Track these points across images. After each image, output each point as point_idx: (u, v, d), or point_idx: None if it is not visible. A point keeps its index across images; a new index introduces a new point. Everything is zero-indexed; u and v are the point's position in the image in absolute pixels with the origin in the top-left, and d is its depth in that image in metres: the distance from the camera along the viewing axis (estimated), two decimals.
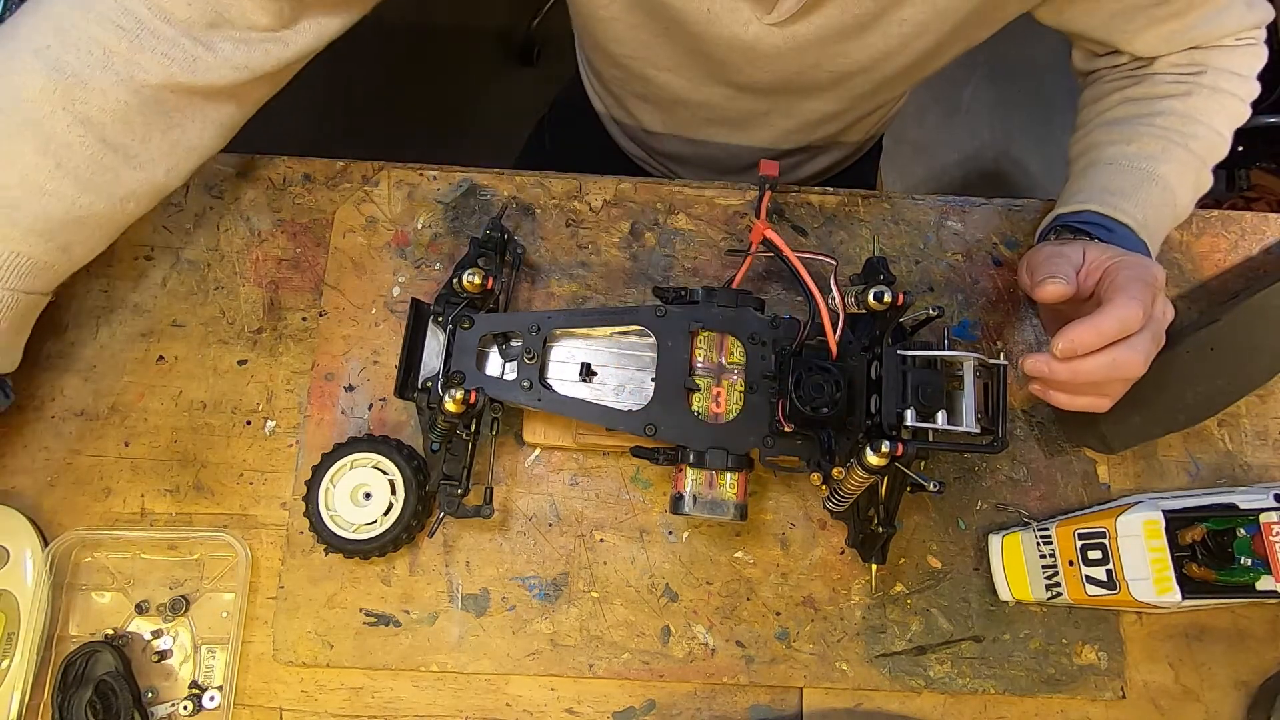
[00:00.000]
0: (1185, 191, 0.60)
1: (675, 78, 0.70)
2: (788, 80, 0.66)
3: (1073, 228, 0.59)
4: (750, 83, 0.67)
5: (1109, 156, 0.61)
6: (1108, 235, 0.57)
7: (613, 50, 0.69)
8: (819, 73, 0.64)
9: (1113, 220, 0.58)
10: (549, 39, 1.75)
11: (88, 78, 0.50)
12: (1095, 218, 0.58)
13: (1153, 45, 0.63)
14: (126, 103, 0.51)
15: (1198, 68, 0.62)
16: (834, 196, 0.69)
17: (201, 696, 0.57)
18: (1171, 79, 0.62)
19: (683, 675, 0.59)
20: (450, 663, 0.58)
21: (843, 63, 0.63)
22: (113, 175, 0.52)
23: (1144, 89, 0.63)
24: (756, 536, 0.61)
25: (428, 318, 0.58)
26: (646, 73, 0.70)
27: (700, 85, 0.70)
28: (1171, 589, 0.51)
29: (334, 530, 0.56)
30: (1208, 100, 0.61)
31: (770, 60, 0.62)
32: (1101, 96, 0.66)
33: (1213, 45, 0.62)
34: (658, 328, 0.56)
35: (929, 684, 0.59)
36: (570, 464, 0.62)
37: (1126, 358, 0.48)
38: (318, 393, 0.62)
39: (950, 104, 1.82)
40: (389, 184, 0.67)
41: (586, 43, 0.77)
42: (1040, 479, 0.63)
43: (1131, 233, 0.57)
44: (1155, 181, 0.59)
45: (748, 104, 0.72)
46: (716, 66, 0.65)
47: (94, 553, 0.59)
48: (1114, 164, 0.60)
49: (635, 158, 0.91)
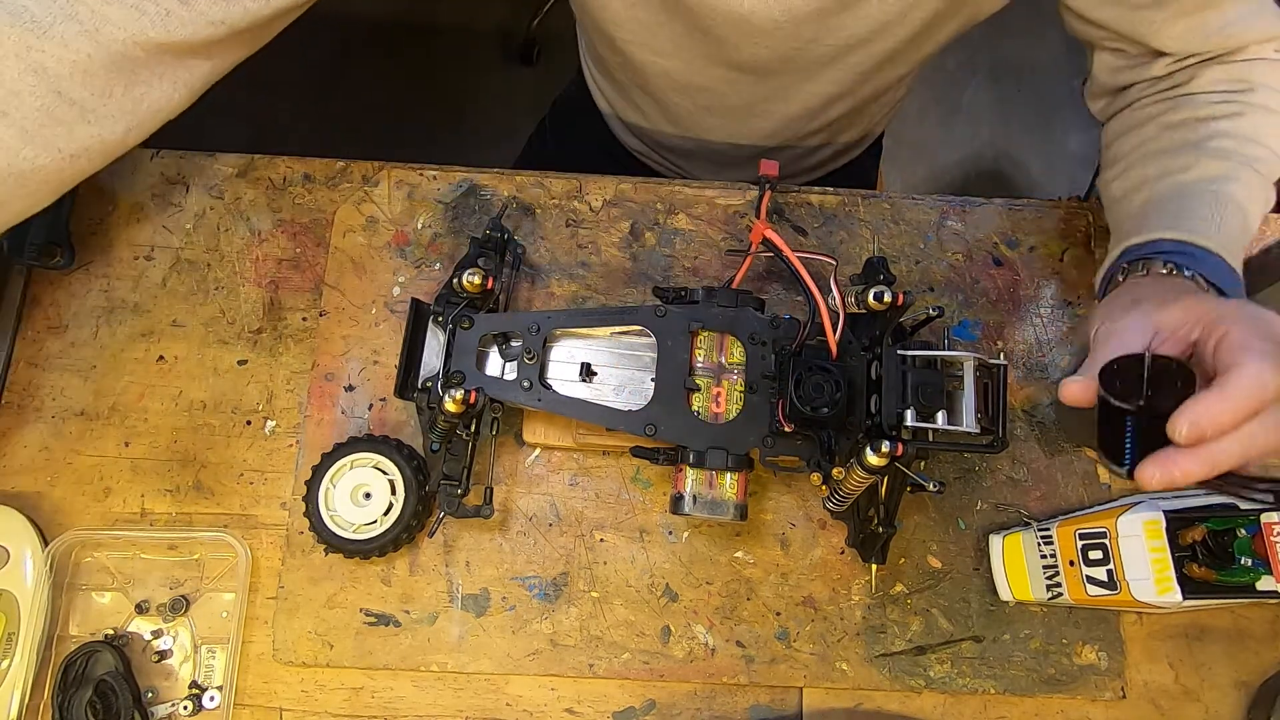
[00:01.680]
0: (1257, 214, 0.53)
1: (674, 61, 0.69)
2: (787, 57, 0.65)
3: (1144, 260, 0.51)
4: (749, 61, 0.66)
5: (1169, 187, 0.54)
6: (1191, 264, 0.49)
7: (613, 34, 0.69)
8: (818, 48, 0.63)
9: (1193, 245, 0.49)
10: (549, 39, 1.75)
11: (48, 25, 0.46)
12: (1174, 245, 0.50)
13: (1183, 40, 0.57)
14: (90, 55, 0.47)
15: (1245, 85, 0.56)
16: (834, 196, 0.69)
17: (201, 696, 0.57)
18: (1218, 98, 0.56)
19: (683, 675, 0.59)
20: (450, 663, 0.58)
21: (841, 35, 0.62)
22: (65, 129, 0.49)
23: (1186, 113, 0.57)
24: (756, 536, 0.61)
25: (428, 318, 0.58)
26: (646, 58, 0.70)
27: (700, 68, 0.69)
28: (1172, 589, 0.51)
29: (334, 530, 0.56)
30: (1263, 120, 0.55)
31: (767, 34, 0.62)
32: (1135, 127, 0.59)
33: (1254, 58, 0.57)
34: (658, 328, 0.56)
35: (929, 684, 0.59)
36: (570, 464, 0.62)
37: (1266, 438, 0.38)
38: (318, 393, 0.62)
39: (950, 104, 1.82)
40: (389, 184, 0.67)
41: (588, 29, 0.77)
42: (1040, 479, 0.63)
43: (1218, 258, 0.49)
44: (1229, 202, 0.51)
45: (748, 88, 0.71)
46: (715, 45, 0.65)
47: (94, 553, 0.59)
48: (1179, 191, 0.53)
49: (638, 153, 0.91)
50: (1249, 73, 0.56)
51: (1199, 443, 0.38)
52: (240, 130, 1.62)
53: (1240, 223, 0.51)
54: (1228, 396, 0.38)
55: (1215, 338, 0.41)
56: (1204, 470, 0.38)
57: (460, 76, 1.75)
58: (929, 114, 1.81)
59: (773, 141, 0.80)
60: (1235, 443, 0.38)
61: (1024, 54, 1.83)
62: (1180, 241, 0.50)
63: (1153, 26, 0.57)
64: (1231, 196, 0.51)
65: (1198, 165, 0.53)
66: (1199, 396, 0.38)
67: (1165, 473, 0.39)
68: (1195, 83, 0.58)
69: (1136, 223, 0.53)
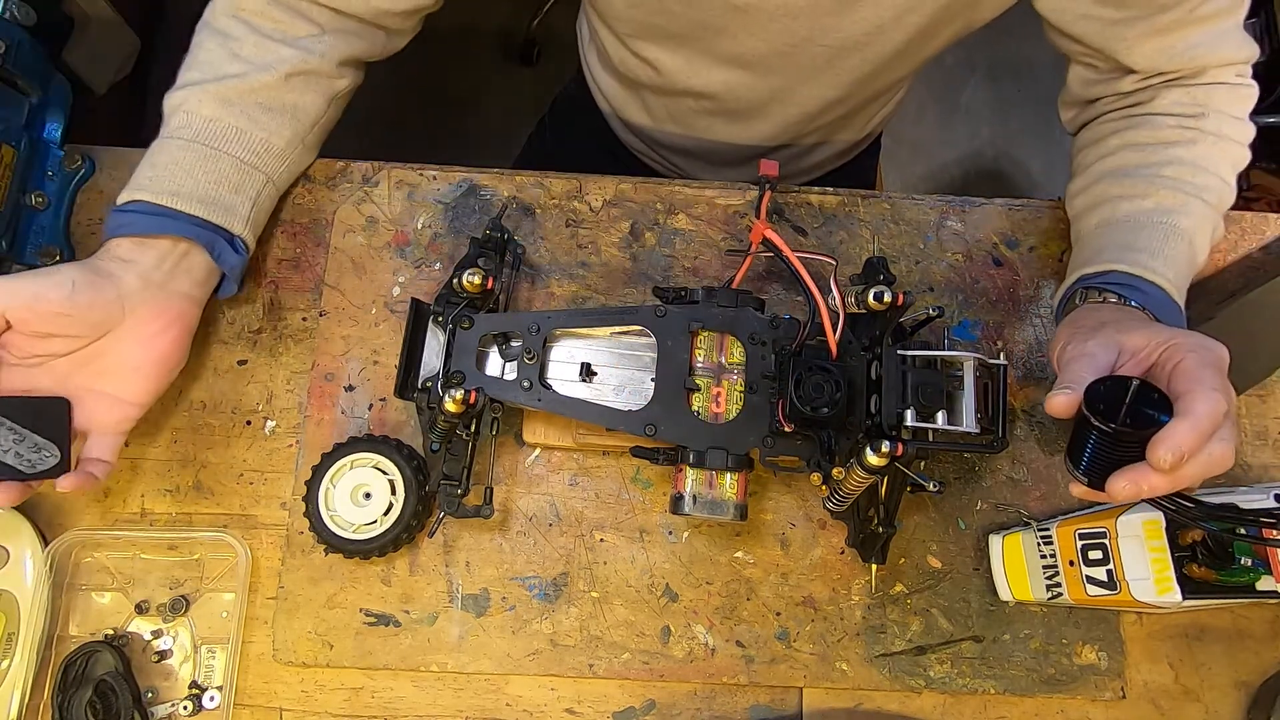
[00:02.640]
0: (1204, 244, 0.59)
1: (675, 58, 0.70)
2: (783, 54, 0.66)
3: (1098, 289, 0.57)
4: (749, 55, 0.67)
5: (1125, 213, 0.59)
6: (1138, 297, 0.55)
7: (616, 27, 0.70)
8: (813, 48, 0.64)
9: (1143, 280, 0.55)
10: (549, 39, 1.75)
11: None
12: (1123, 278, 0.56)
13: (1150, 59, 0.61)
14: None
15: (1199, 109, 0.61)
16: (834, 196, 0.69)
17: (201, 696, 0.57)
18: (1174, 123, 0.61)
19: (683, 675, 0.59)
20: (450, 663, 0.58)
21: (836, 37, 0.63)
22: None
23: (1146, 134, 0.62)
24: (756, 536, 0.61)
25: (428, 318, 0.58)
26: (649, 54, 0.70)
27: (701, 67, 0.70)
28: (1172, 589, 0.51)
29: (334, 530, 0.56)
30: (1213, 149, 0.60)
31: (764, 25, 0.62)
32: (1100, 139, 0.64)
33: (1213, 82, 0.61)
34: (658, 328, 0.56)
35: (929, 684, 0.59)
36: (570, 464, 0.62)
37: (1222, 453, 0.43)
38: (318, 393, 0.62)
39: (950, 104, 1.82)
40: (389, 184, 0.67)
41: (594, 23, 0.78)
42: (1040, 479, 0.63)
43: (1164, 293, 0.55)
44: (1180, 236, 0.57)
45: (747, 88, 0.71)
46: (714, 36, 0.65)
47: (94, 553, 0.59)
48: (1132, 221, 0.59)
49: (638, 152, 0.91)
50: (1207, 97, 0.61)
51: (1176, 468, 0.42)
52: None
53: (1187, 254, 0.57)
54: (1196, 426, 0.42)
55: (1172, 363, 0.46)
56: (1169, 487, 0.43)
57: (460, 76, 1.75)
58: (928, 113, 1.81)
59: (773, 142, 0.80)
60: (1197, 465, 0.43)
61: (1024, 54, 1.83)
62: (1130, 275, 0.56)
63: (1124, 43, 0.61)
64: (1180, 229, 0.57)
65: (1153, 194, 0.59)
66: (1174, 426, 0.42)
67: (1136, 487, 0.44)
68: (1156, 103, 0.62)
69: (1093, 250, 0.59)
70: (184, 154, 0.57)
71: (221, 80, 0.58)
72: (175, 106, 0.58)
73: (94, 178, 0.67)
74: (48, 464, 0.51)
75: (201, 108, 0.58)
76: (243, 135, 0.58)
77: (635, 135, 0.88)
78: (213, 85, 0.58)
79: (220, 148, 0.58)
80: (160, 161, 0.57)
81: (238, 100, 0.58)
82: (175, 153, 0.57)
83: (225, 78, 0.58)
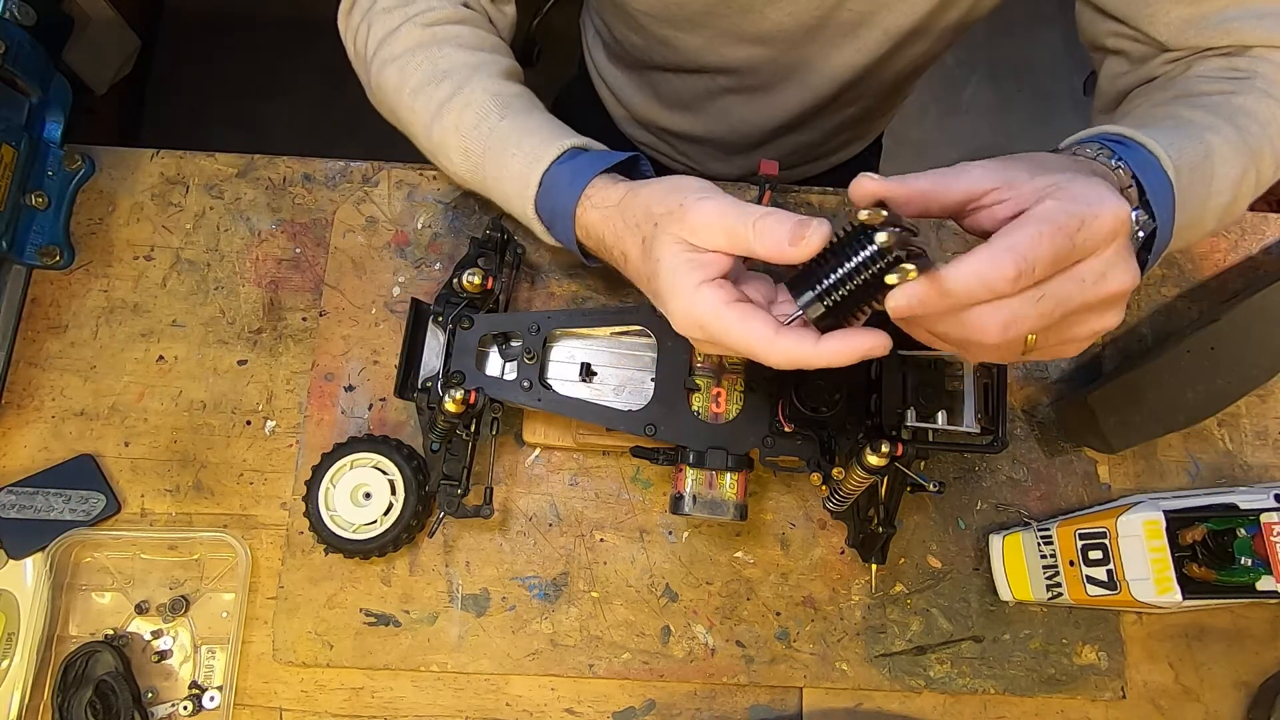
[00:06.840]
0: (1227, 172, 0.48)
1: (695, 37, 0.69)
2: (810, 27, 0.64)
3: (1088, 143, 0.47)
4: (773, 31, 0.65)
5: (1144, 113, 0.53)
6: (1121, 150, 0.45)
7: (634, 11, 0.69)
8: (841, 13, 0.63)
9: (1134, 140, 0.46)
10: (549, 39, 1.75)
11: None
12: (1111, 137, 0.47)
13: (1177, 30, 0.55)
14: None
15: (1245, 74, 0.53)
16: (834, 196, 0.69)
17: (201, 696, 0.57)
18: (1214, 78, 0.54)
19: (683, 675, 0.59)
20: (450, 663, 0.58)
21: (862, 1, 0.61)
22: None
23: (1179, 89, 0.54)
24: (756, 536, 0.61)
25: (428, 318, 0.58)
26: (666, 34, 0.70)
27: (721, 45, 0.69)
28: (1172, 589, 0.51)
29: (334, 530, 0.56)
30: (1259, 101, 0.51)
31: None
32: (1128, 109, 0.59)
33: (1259, 56, 0.54)
34: (657, 327, 0.56)
35: (929, 684, 0.59)
36: (570, 464, 0.62)
37: (978, 322, 0.36)
38: (318, 393, 0.62)
39: (950, 104, 1.82)
40: (389, 184, 0.67)
41: (607, 11, 0.77)
42: (1040, 479, 0.63)
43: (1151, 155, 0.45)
44: (1199, 141, 0.48)
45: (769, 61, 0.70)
46: (736, 14, 0.65)
47: (94, 553, 0.59)
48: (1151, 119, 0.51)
49: (643, 145, 0.90)
50: (1252, 65, 0.54)
51: (905, 317, 0.36)
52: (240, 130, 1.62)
53: (1202, 164, 0.47)
54: (957, 277, 0.34)
55: (1027, 206, 0.37)
56: (936, 309, 0.36)
57: None
58: (929, 113, 1.81)
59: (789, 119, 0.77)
60: (948, 327, 0.37)
61: (1024, 54, 1.83)
62: (1119, 134, 0.47)
63: (1147, 11, 0.56)
64: (1207, 141, 0.48)
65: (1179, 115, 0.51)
66: (964, 259, 0.35)
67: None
68: (1192, 70, 0.56)
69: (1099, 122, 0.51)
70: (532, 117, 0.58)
71: (473, 75, 0.58)
72: (468, 103, 0.57)
73: (94, 178, 0.67)
74: (98, 509, 0.59)
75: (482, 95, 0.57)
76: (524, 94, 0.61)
77: (643, 128, 0.88)
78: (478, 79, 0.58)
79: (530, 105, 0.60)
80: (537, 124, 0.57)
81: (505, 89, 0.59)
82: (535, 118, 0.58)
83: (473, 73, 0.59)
